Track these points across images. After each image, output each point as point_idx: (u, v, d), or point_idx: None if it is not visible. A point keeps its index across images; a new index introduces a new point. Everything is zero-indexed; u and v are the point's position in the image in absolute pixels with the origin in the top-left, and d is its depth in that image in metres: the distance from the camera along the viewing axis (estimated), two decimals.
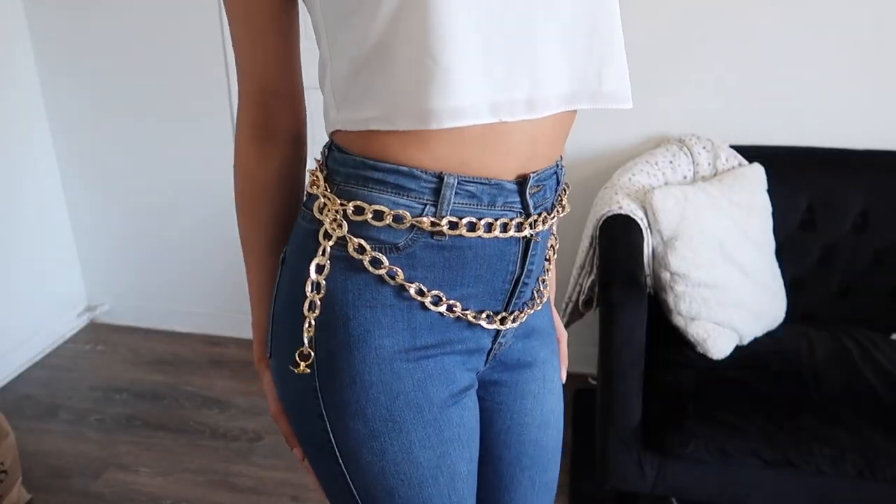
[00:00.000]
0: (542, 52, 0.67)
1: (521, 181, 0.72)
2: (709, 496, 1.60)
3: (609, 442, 1.59)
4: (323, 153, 0.76)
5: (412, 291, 0.72)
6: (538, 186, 0.75)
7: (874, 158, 1.92)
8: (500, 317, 0.78)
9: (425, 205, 0.69)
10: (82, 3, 2.29)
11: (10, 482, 1.72)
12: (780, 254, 1.87)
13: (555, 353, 0.91)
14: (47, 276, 2.53)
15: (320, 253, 0.71)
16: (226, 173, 2.37)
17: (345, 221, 0.70)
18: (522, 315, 0.80)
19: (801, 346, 1.76)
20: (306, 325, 0.73)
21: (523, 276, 0.77)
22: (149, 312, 2.66)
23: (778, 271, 1.86)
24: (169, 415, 2.20)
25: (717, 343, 1.69)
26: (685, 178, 1.92)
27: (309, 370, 0.74)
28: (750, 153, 1.92)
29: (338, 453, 0.76)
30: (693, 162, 1.92)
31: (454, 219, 0.70)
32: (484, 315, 0.76)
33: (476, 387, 0.82)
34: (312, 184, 0.74)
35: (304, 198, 0.77)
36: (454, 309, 0.74)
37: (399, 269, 0.71)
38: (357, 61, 0.67)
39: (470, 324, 0.76)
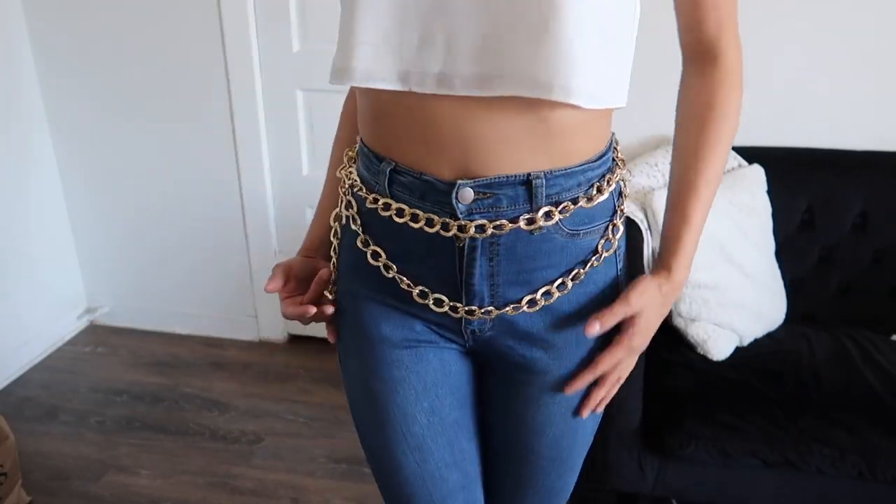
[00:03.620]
0: (459, 29, 0.69)
1: (453, 183, 0.74)
2: (709, 497, 1.60)
3: (609, 443, 1.59)
4: None
5: (364, 247, 0.83)
6: (485, 193, 0.73)
7: (873, 159, 1.92)
8: (462, 307, 0.80)
9: (377, 184, 0.80)
10: (82, 3, 2.29)
11: (9, 484, 1.72)
12: (779, 254, 1.88)
13: (572, 371, 0.86)
14: (47, 277, 2.53)
15: (343, 206, 0.88)
16: (227, 174, 2.40)
17: (354, 181, 0.85)
18: (493, 313, 0.80)
19: (801, 346, 1.76)
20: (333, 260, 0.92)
21: (465, 276, 0.78)
22: (149, 314, 2.66)
23: (778, 272, 1.86)
24: (169, 417, 2.20)
25: (718, 344, 1.69)
26: None
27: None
28: (749, 154, 1.92)
29: (340, 358, 0.94)
30: None
31: (389, 201, 0.78)
32: (435, 298, 0.81)
33: (448, 350, 0.88)
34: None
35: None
36: (402, 280, 0.82)
37: (361, 225, 0.84)
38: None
39: (418, 302, 0.82)
